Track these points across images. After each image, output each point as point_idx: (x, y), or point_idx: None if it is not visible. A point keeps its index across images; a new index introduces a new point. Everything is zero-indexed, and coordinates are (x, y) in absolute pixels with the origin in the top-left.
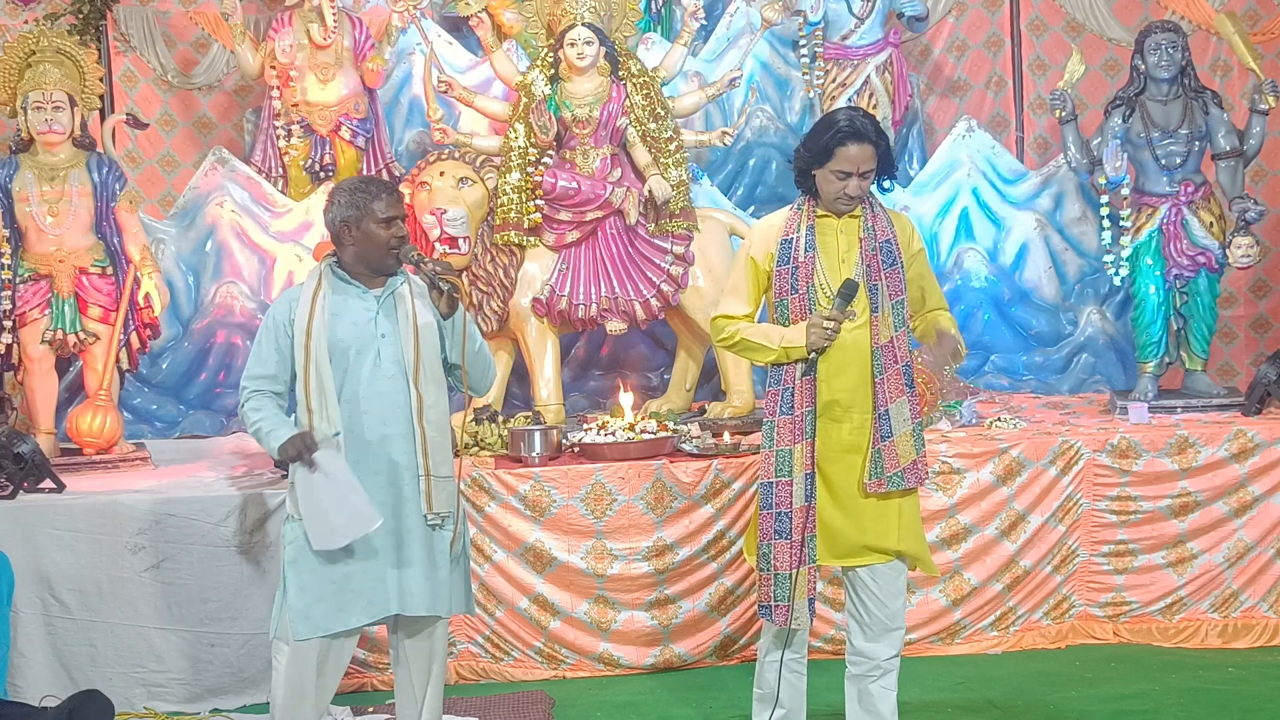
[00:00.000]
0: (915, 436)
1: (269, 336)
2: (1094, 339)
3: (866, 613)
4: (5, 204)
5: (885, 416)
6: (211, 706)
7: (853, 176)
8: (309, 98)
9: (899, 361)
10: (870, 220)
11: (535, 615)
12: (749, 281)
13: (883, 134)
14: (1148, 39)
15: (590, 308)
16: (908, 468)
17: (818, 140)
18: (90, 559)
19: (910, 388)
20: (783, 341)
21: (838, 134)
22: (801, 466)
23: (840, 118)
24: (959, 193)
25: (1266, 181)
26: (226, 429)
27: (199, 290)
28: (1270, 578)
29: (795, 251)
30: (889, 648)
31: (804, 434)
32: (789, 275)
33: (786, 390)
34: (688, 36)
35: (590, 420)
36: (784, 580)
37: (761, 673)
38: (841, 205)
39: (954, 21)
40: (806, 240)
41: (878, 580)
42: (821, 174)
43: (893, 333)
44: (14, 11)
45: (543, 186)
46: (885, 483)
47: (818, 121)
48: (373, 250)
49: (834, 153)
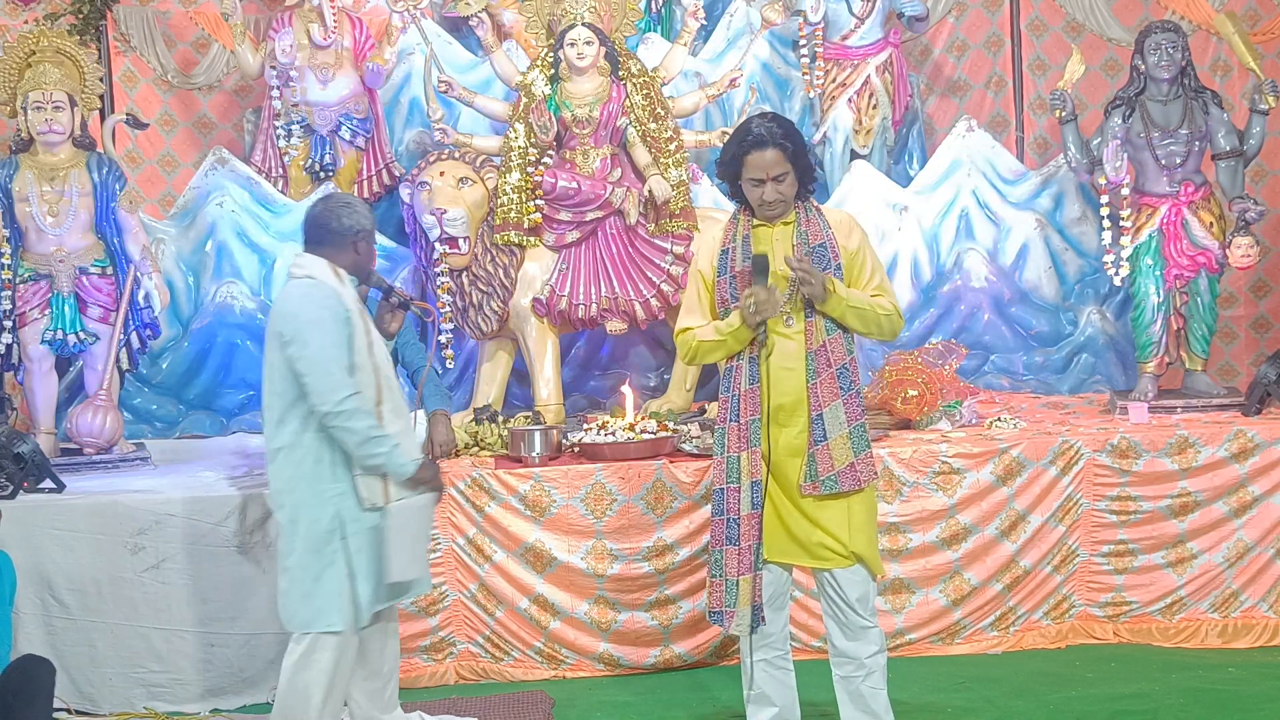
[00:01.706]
0: (854, 439)
1: (339, 336)
2: (1094, 339)
3: (841, 613)
4: (5, 204)
5: (819, 420)
6: (211, 706)
7: (766, 182)
8: (309, 98)
9: (833, 365)
10: (804, 225)
11: (535, 615)
12: (699, 295)
13: (793, 136)
14: (1148, 39)
15: (590, 308)
16: (843, 470)
17: (728, 152)
18: (90, 559)
19: (846, 390)
20: (725, 329)
21: (743, 143)
22: (748, 474)
23: (748, 126)
24: (959, 193)
25: (1266, 181)
26: (226, 429)
27: (199, 290)
28: (1270, 578)
29: (732, 261)
30: (869, 645)
31: (749, 441)
32: (728, 285)
33: (734, 397)
34: (688, 36)
35: (590, 420)
36: (732, 586)
37: (750, 674)
38: (765, 212)
39: (954, 21)
40: (742, 251)
41: (841, 586)
42: (743, 183)
43: (825, 336)
44: (14, 11)
45: (543, 186)
46: (820, 485)
47: (732, 132)
48: (364, 266)
49: (744, 161)
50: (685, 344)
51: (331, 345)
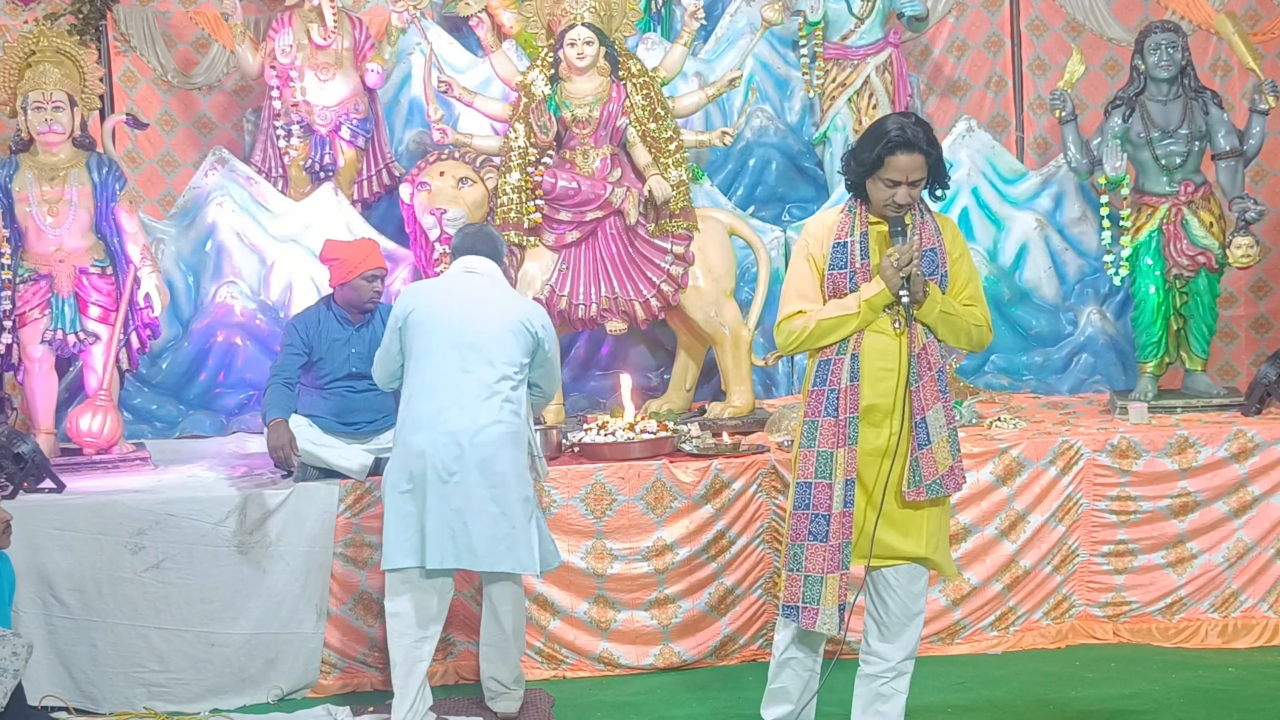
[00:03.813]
0: (951, 443)
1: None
2: (1094, 339)
3: (886, 613)
4: (5, 204)
5: (922, 424)
6: (211, 706)
7: (901, 185)
8: (309, 98)
9: (933, 368)
10: (918, 227)
11: (535, 615)
12: (813, 279)
13: (934, 142)
14: (1148, 39)
15: (590, 308)
16: (945, 474)
17: (869, 149)
18: (90, 559)
19: (944, 394)
20: (861, 299)
21: (888, 143)
22: (844, 471)
23: (890, 126)
24: (959, 193)
25: (1266, 181)
26: (226, 429)
27: (199, 290)
28: (1270, 578)
29: (851, 256)
30: (904, 649)
31: (847, 438)
32: (845, 279)
33: (833, 392)
34: (688, 36)
35: (590, 420)
36: (815, 583)
37: (778, 670)
38: (889, 212)
39: (954, 21)
40: (861, 246)
41: (900, 580)
42: (871, 181)
43: (925, 340)
44: (14, 11)
45: (543, 186)
46: (924, 490)
47: (868, 129)
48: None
49: (884, 161)
50: (795, 330)
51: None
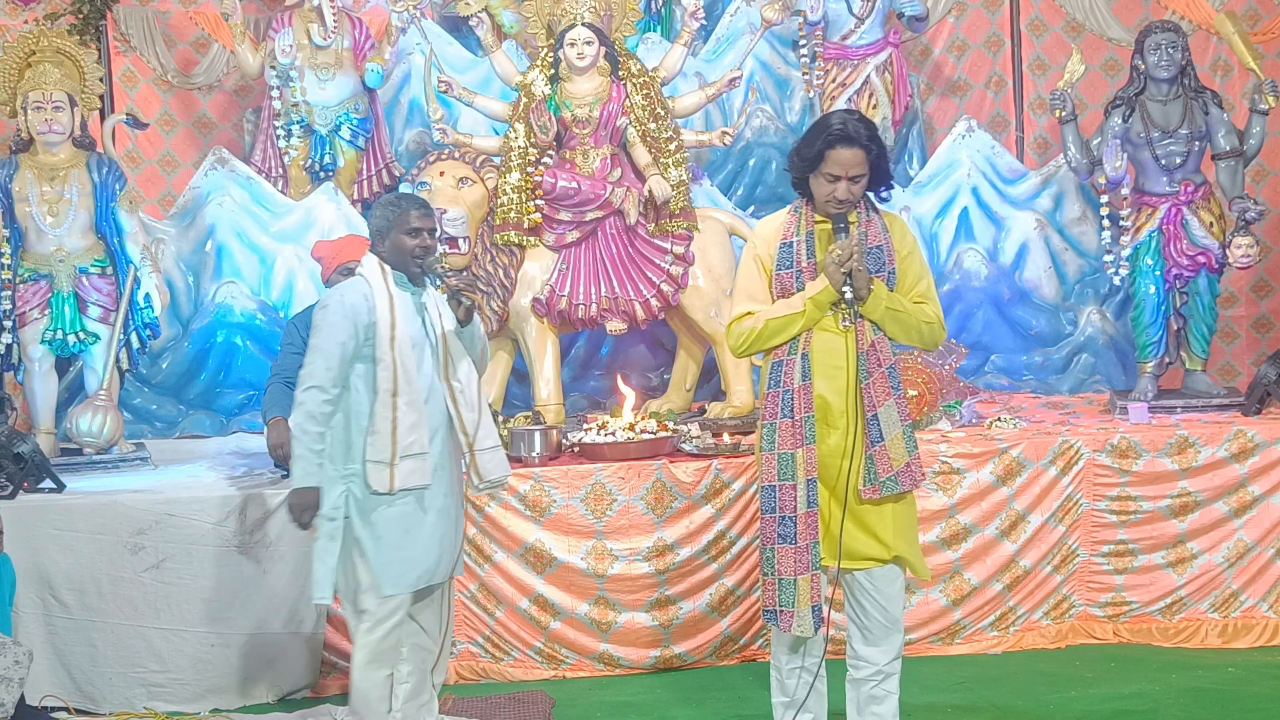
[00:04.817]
0: (907, 438)
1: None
2: (1094, 339)
3: (866, 616)
4: (5, 204)
5: (874, 421)
6: (211, 706)
7: (842, 180)
8: (309, 98)
9: (883, 365)
10: (864, 225)
11: (535, 615)
12: (761, 280)
13: (876, 139)
14: (1148, 39)
15: (590, 308)
16: (901, 471)
17: (810, 144)
18: (90, 559)
19: (896, 390)
20: (806, 297)
21: (829, 138)
22: (805, 471)
23: (833, 121)
24: (959, 193)
25: (1267, 181)
26: (226, 429)
27: (199, 290)
28: (1270, 578)
29: (797, 256)
30: (889, 652)
31: (804, 438)
32: (792, 279)
33: (787, 393)
34: (688, 36)
35: (590, 420)
36: (788, 585)
37: (781, 680)
38: (830, 208)
39: (954, 21)
40: (808, 245)
41: (876, 584)
42: (814, 177)
43: (873, 336)
44: (14, 11)
45: (543, 186)
46: (880, 488)
47: (811, 125)
48: (399, 262)
49: (825, 156)
50: (744, 331)
51: (327, 338)
